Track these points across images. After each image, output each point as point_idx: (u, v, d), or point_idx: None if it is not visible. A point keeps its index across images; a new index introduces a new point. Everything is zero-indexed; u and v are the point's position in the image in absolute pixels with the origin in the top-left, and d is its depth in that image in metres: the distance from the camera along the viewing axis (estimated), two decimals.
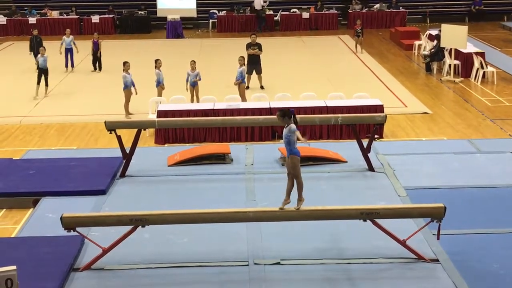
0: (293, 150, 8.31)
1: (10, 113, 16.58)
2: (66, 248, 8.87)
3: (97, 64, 21.29)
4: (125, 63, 15.94)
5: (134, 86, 15.78)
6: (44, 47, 18.59)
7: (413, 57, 23.26)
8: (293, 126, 8.24)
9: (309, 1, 30.53)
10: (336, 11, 30.23)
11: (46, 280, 8.09)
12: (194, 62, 16.18)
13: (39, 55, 18.20)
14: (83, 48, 22.11)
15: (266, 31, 29.14)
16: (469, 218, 9.89)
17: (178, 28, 28.44)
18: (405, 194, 10.78)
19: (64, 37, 21.43)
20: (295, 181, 8.44)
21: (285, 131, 8.33)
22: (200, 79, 15.98)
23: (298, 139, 8.29)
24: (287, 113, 8.29)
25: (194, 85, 15.92)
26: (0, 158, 13.04)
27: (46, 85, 18.00)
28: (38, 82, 17.85)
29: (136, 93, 15.80)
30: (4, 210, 10.81)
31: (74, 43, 21.31)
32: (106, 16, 29.82)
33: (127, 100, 15.82)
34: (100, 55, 21.23)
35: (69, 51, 21.32)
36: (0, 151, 13.78)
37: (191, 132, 14.02)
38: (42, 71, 17.88)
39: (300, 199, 8.46)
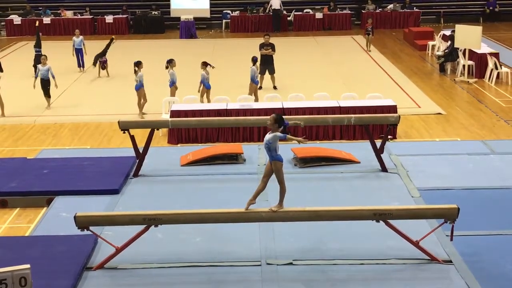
0: (275, 156, 8.37)
1: (25, 112, 16.67)
2: (80, 247, 8.92)
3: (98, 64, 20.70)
4: (138, 63, 15.98)
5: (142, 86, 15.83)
6: (45, 56, 17.17)
7: (427, 58, 23.17)
8: (278, 134, 8.25)
9: (323, 1, 30.52)
10: (349, 11, 30.19)
11: (60, 278, 8.13)
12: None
13: (39, 65, 16.84)
14: (98, 49, 22.19)
15: (281, 31, 29.13)
16: (483, 219, 9.84)
17: (191, 28, 28.51)
18: (418, 195, 10.74)
19: (74, 37, 21.46)
20: (267, 185, 8.47)
21: (268, 136, 8.33)
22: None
23: (298, 141, 8.36)
24: (281, 121, 8.30)
25: (208, 87, 15.89)
26: (15, 157, 13.15)
27: (48, 96, 16.86)
28: (45, 94, 16.82)
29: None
30: (18, 209, 10.88)
31: (83, 44, 21.31)
32: (120, 16, 29.95)
33: (140, 99, 15.87)
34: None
35: (79, 51, 21.31)
36: (14, 150, 13.88)
37: (204, 132, 14.04)
38: (43, 82, 16.67)
39: (280, 204, 8.45)
